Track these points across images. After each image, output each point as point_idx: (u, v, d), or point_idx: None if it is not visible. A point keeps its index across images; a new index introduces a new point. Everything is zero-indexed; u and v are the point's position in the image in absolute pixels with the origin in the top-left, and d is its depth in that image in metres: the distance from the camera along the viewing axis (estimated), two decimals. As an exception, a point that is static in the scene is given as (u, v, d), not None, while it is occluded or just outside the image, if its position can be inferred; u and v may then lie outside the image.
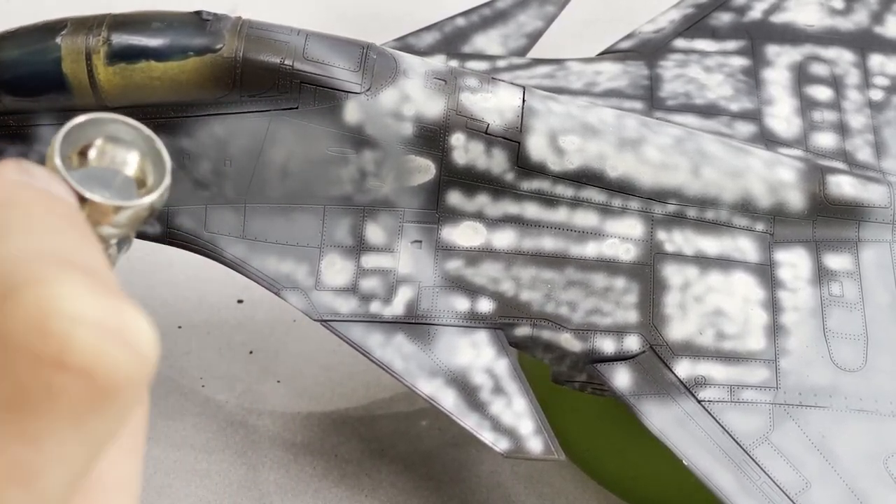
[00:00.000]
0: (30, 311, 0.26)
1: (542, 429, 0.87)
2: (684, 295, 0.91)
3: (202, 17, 0.85)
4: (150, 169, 0.35)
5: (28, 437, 0.26)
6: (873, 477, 0.85)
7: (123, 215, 0.34)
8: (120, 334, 0.27)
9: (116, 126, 0.35)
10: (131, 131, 0.35)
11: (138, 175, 0.35)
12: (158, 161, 0.35)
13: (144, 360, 0.28)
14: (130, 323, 0.28)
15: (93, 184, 0.33)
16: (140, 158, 0.35)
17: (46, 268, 0.27)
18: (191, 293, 1.26)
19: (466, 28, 1.12)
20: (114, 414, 0.28)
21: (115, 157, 0.35)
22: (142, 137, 0.35)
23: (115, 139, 0.35)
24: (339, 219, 0.91)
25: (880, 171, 1.00)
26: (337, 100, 0.87)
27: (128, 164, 0.35)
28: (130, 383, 0.27)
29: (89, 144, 0.34)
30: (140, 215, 0.34)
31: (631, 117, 0.95)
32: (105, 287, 0.28)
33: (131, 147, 0.35)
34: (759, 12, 1.13)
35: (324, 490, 1.10)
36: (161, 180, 0.35)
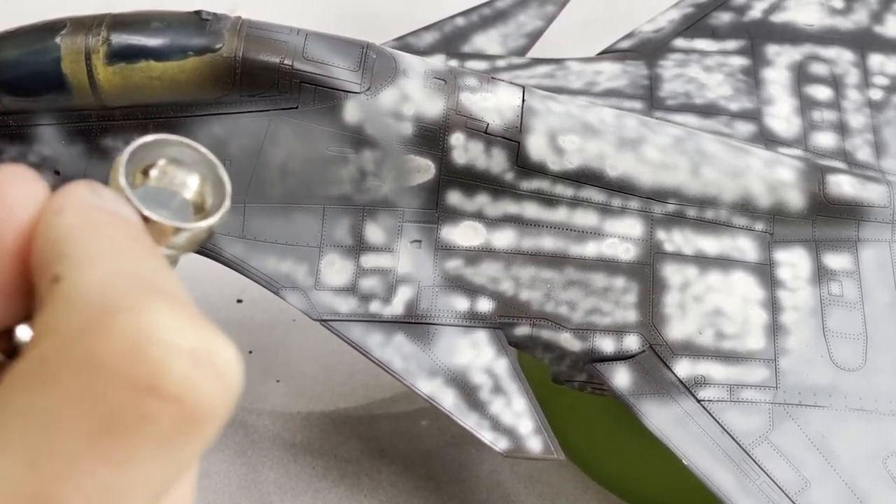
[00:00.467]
0: (126, 336, 0.27)
1: (542, 428, 0.87)
2: (684, 294, 0.91)
3: (202, 17, 0.85)
4: (208, 192, 0.35)
5: (117, 460, 0.27)
6: (873, 476, 0.85)
7: (182, 237, 0.34)
8: (210, 363, 0.28)
9: (180, 148, 0.35)
10: (194, 154, 0.35)
11: (196, 199, 0.35)
12: (218, 185, 0.36)
13: (230, 388, 0.29)
14: (220, 352, 0.28)
15: (151, 204, 0.34)
16: (200, 182, 0.35)
17: (140, 294, 0.28)
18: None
19: (466, 28, 1.12)
20: (198, 440, 0.28)
21: (176, 178, 0.35)
22: (204, 161, 0.35)
23: (178, 161, 0.35)
24: (338, 218, 0.91)
25: (880, 170, 1.00)
26: (336, 99, 0.87)
27: (187, 187, 0.35)
28: (217, 412, 0.28)
29: (152, 164, 0.35)
30: (198, 238, 0.35)
31: (630, 117, 0.95)
32: (194, 314, 0.28)
33: (192, 170, 0.35)
34: (758, 12, 1.13)
35: (323, 490, 1.10)
36: (220, 204, 0.35)
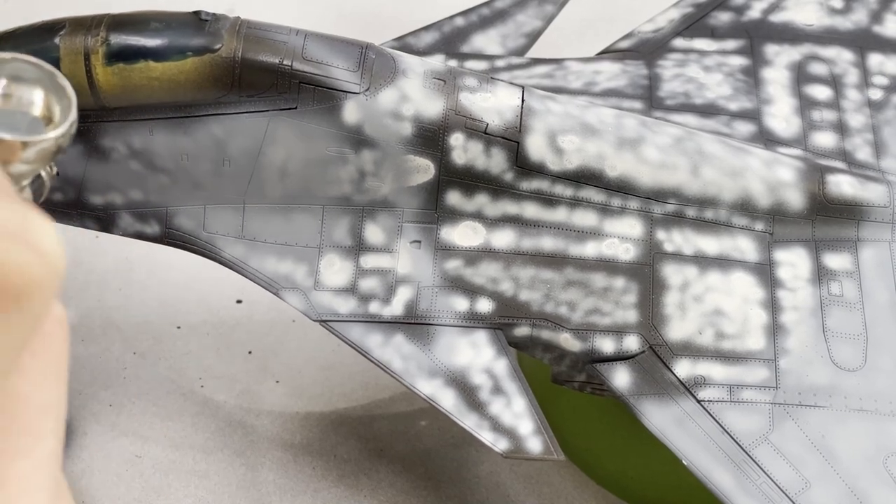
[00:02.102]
0: None
1: (542, 429, 0.87)
2: (684, 295, 0.91)
3: (201, 18, 0.85)
4: (55, 105, 0.36)
5: None
6: (873, 476, 0.85)
7: (31, 151, 0.34)
8: (23, 237, 0.27)
9: (18, 65, 0.35)
10: (34, 69, 0.35)
11: (44, 114, 0.35)
12: (63, 96, 0.36)
13: (50, 262, 0.28)
14: (34, 227, 0.28)
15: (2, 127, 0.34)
16: (45, 96, 0.35)
17: None
18: (189, 294, 1.26)
19: (465, 28, 1.12)
20: (24, 318, 0.28)
21: (21, 97, 0.35)
22: (45, 74, 0.36)
23: (19, 78, 0.35)
24: (338, 219, 0.91)
25: (879, 170, 1.00)
26: (336, 100, 0.87)
27: (34, 104, 0.35)
28: (37, 285, 0.27)
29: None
30: (48, 150, 0.35)
31: (630, 117, 0.95)
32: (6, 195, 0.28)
33: (36, 85, 0.35)
34: (758, 11, 1.13)
35: (322, 490, 1.10)
36: (67, 115, 0.35)
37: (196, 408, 1.17)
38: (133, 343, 1.22)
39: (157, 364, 1.21)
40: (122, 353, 1.21)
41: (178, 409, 1.17)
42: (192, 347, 1.22)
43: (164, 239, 0.92)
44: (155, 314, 1.25)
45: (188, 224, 0.91)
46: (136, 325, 1.23)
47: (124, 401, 1.17)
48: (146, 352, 1.21)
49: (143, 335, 1.23)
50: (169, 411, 1.16)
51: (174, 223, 0.91)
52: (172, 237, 0.92)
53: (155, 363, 1.20)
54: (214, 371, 1.21)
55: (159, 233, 0.92)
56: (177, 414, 1.16)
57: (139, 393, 1.18)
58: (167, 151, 0.88)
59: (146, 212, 0.91)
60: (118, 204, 0.90)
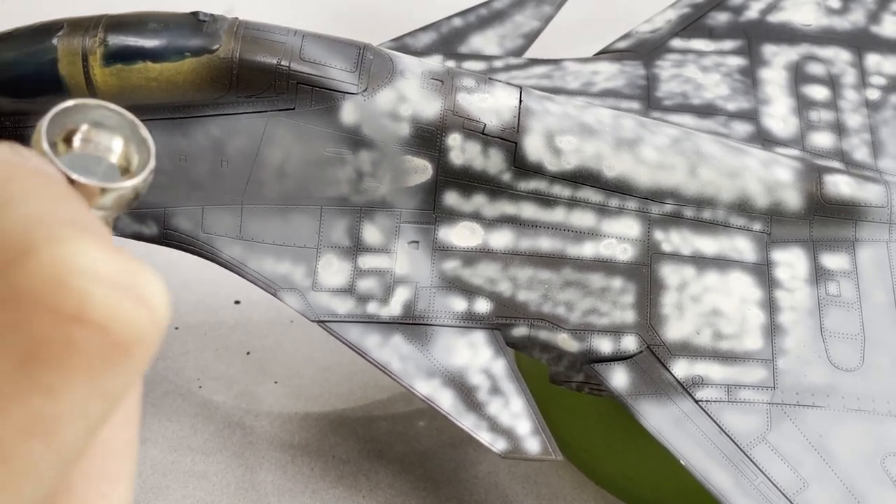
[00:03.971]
0: (48, 267, 0.27)
1: (540, 429, 0.87)
2: (681, 295, 0.91)
3: (199, 18, 0.85)
4: (133, 154, 0.36)
5: (47, 390, 0.27)
6: (871, 477, 0.85)
7: (109, 197, 0.35)
8: (134, 291, 0.28)
9: (101, 112, 0.35)
10: (115, 117, 0.36)
11: (121, 162, 0.36)
12: (142, 146, 0.36)
13: (157, 317, 0.29)
14: (143, 281, 0.29)
15: (78, 169, 0.34)
16: (124, 144, 0.36)
17: (60, 228, 0.28)
18: (188, 294, 1.26)
19: (463, 28, 1.12)
20: (127, 370, 0.29)
21: (100, 143, 0.35)
22: (126, 123, 0.36)
23: (100, 125, 0.35)
24: (336, 219, 0.91)
25: (877, 170, 1.00)
26: (333, 100, 0.87)
27: (112, 151, 0.36)
28: (144, 339, 0.29)
29: (74, 130, 0.35)
30: (125, 198, 0.35)
31: (628, 117, 0.95)
32: (116, 248, 0.29)
33: (115, 133, 0.36)
34: (755, 12, 1.13)
35: (321, 491, 1.10)
36: (145, 165, 0.36)
37: (194, 409, 1.17)
38: (131, 344, 1.22)
39: (156, 365, 1.20)
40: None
41: (177, 409, 1.17)
42: (190, 348, 1.22)
43: (162, 240, 0.92)
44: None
45: (186, 225, 0.91)
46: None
47: (123, 402, 1.17)
48: (144, 352, 1.21)
49: (141, 336, 1.23)
50: (167, 412, 1.16)
51: (172, 224, 0.91)
52: (170, 238, 0.92)
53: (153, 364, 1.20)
54: (213, 372, 1.21)
55: (157, 233, 0.92)
56: (175, 415, 1.16)
57: (137, 394, 1.18)
58: (165, 152, 0.88)
59: (144, 212, 0.91)
60: (116, 205, 0.90)
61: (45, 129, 0.34)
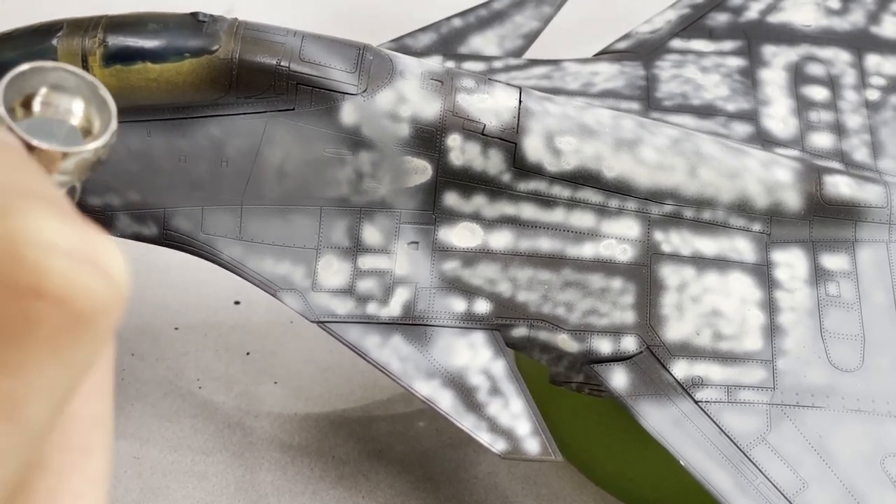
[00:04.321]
0: (2, 241, 0.26)
1: (540, 430, 0.87)
2: (681, 295, 0.91)
3: (198, 19, 0.85)
4: (95, 116, 0.35)
5: (8, 368, 0.26)
6: (870, 477, 0.85)
7: (70, 162, 0.34)
8: (93, 261, 0.27)
9: (59, 74, 0.34)
10: (75, 79, 0.35)
11: (83, 124, 0.35)
12: (103, 107, 0.35)
13: (118, 287, 0.28)
14: (102, 251, 0.28)
15: (39, 134, 0.33)
16: (85, 106, 0.35)
17: (13, 199, 0.27)
18: (187, 295, 1.26)
19: (463, 29, 1.12)
20: (90, 342, 0.28)
21: (60, 105, 0.34)
22: (86, 84, 0.35)
23: (59, 87, 0.34)
24: (335, 220, 0.91)
25: (877, 171, 1.00)
26: (333, 101, 0.87)
27: (73, 114, 0.35)
28: (105, 310, 0.27)
29: (33, 94, 0.34)
30: (87, 161, 0.34)
31: (628, 118, 0.95)
32: (72, 217, 0.28)
33: (75, 95, 0.35)
34: (755, 12, 1.13)
35: (321, 491, 1.10)
36: (107, 126, 0.35)
37: (194, 409, 1.17)
38: (131, 344, 1.22)
39: (156, 365, 1.20)
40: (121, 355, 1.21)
41: (177, 410, 1.17)
42: (190, 349, 1.22)
43: (162, 240, 0.92)
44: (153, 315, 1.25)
45: (186, 225, 0.91)
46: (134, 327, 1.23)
47: (122, 402, 1.17)
48: (144, 353, 1.21)
49: (141, 336, 1.23)
50: (167, 412, 1.16)
51: (172, 224, 0.91)
52: (170, 238, 0.92)
53: (153, 364, 1.20)
54: (213, 372, 1.20)
55: (157, 234, 0.92)
56: (175, 415, 1.16)
57: (137, 394, 1.18)
58: (165, 153, 0.88)
59: (144, 213, 0.91)
60: (116, 205, 0.90)
61: (2, 94, 0.33)
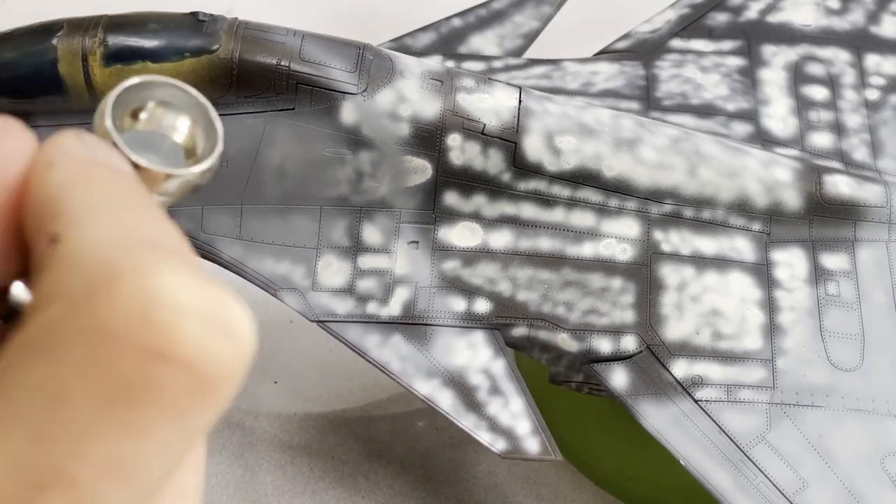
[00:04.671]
0: (133, 300, 0.25)
1: (540, 429, 0.87)
2: (681, 295, 0.91)
3: (198, 19, 0.85)
4: (200, 136, 0.34)
5: (129, 431, 0.25)
6: (870, 476, 0.85)
7: (173, 183, 0.33)
8: (221, 324, 0.26)
9: (169, 90, 0.33)
10: (184, 96, 0.33)
11: (187, 143, 0.33)
12: (210, 129, 0.34)
13: (244, 350, 0.27)
14: (230, 312, 0.27)
15: (140, 147, 0.32)
16: (191, 125, 0.34)
17: (145, 254, 0.26)
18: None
19: (463, 28, 1.12)
20: (211, 407, 0.27)
21: (165, 121, 0.33)
22: (195, 104, 0.34)
23: (167, 104, 0.33)
24: (335, 220, 0.91)
25: (877, 170, 1.00)
26: (333, 101, 0.87)
27: (177, 130, 0.33)
28: (230, 375, 0.27)
29: (140, 107, 0.33)
30: (190, 184, 0.33)
31: (627, 117, 0.95)
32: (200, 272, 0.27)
33: (182, 113, 0.33)
34: (755, 12, 1.13)
35: (321, 491, 1.10)
36: (212, 149, 0.33)
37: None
38: (131, 344, 1.22)
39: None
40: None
41: (176, 410, 1.17)
42: (190, 348, 1.22)
43: (162, 240, 0.92)
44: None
45: (186, 225, 0.91)
46: (134, 327, 1.23)
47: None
48: (144, 353, 1.21)
49: (141, 336, 1.23)
50: (167, 412, 1.16)
51: (172, 224, 0.91)
52: (170, 238, 0.91)
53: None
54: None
55: (157, 234, 0.91)
56: (175, 415, 1.16)
57: (137, 394, 1.18)
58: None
59: (144, 213, 0.90)
60: (116, 205, 0.90)
61: (111, 107, 0.32)
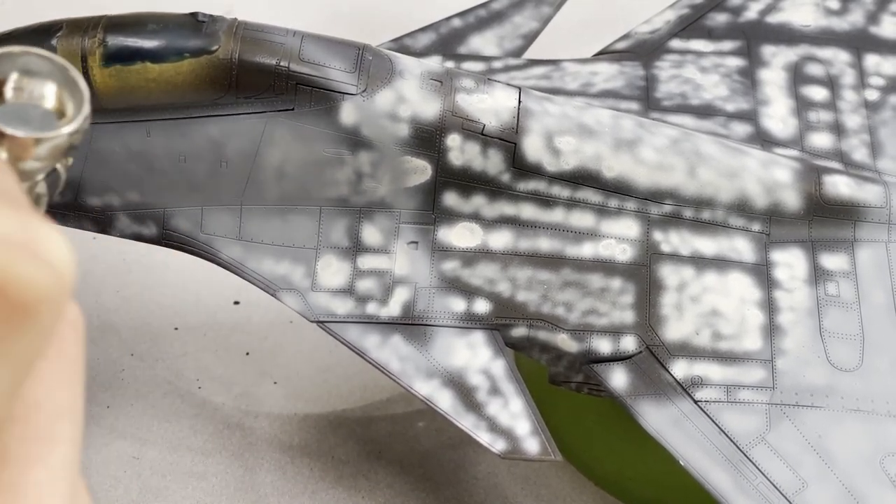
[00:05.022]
0: None
1: (539, 430, 0.87)
2: (681, 295, 0.91)
3: (198, 19, 0.85)
4: (68, 99, 0.35)
5: None
6: (870, 477, 0.85)
7: (44, 147, 0.33)
8: (30, 248, 0.26)
9: (30, 59, 0.34)
10: (46, 63, 0.34)
11: (57, 107, 0.34)
12: (76, 90, 0.35)
13: (58, 273, 0.27)
14: (41, 237, 0.27)
15: (12, 120, 0.33)
16: (57, 90, 0.34)
17: None
18: (187, 295, 1.26)
19: (462, 29, 1.12)
20: (34, 331, 0.27)
21: (32, 91, 0.34)
22: (57, 68, 0.35)
23: (30, 72, 0.34)
24: (335, 220, 0.91)
25: (876, 171, 1.00)
26: (333, 101, 0.87)
27: (45, 98, 0.34)
28: (46, 298, 0.27)
29: (4, 80, 0.34)
30: (61, 146, 0.34)
31: (627, 118, 0.95)
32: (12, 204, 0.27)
33: (47, 79, 0.34)
34: (754, 12, 1.13)
35: (321, 492, 1.10)
36: (80, 109, 0.34)
37: (194, 409, 1.17)
38: (131, 345, 1.22)
39: (155, 366, 1.20)
40: (120, 355, 1.21)
41: (176, 410, 1.17)
42: (189, 349, 1.22)
43: (162, 240, 0.92)
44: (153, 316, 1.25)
45: (186, 225, 0.91)
46: (133, 327, 1.23)
47: (122, 402, 1.17)
48: (144, 353, 1.21)
49: (140, 337, 1.23)
50: (167, 413, 1.16)
51: (171, 224, 0.91)
52: (170, 238, 0.92)
53: (153, 365, 1.20)
54: (212, 372, 1.20)
55: (157, 234, 0.92)
56: (175, 416, 1.16)
57: (137, 395, 1.18)
58: (164, 153, 0.88)
59: (143, 213, 0.91)
60: (115, 205, 0.90)
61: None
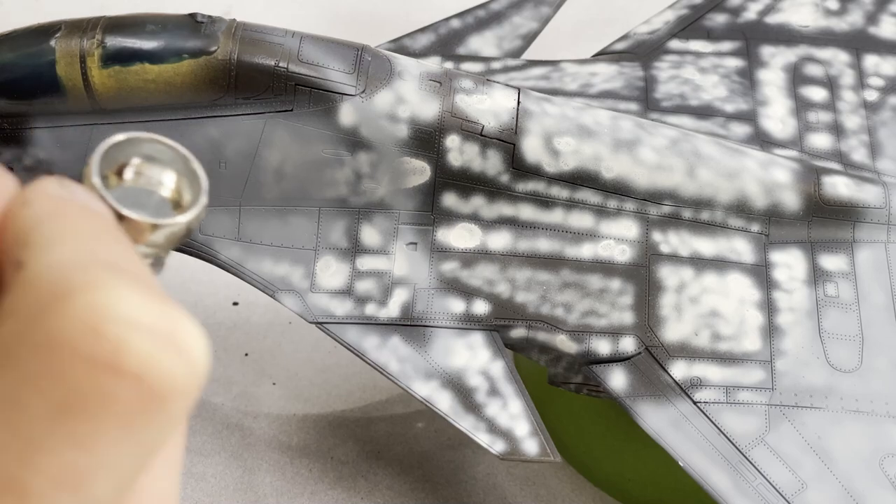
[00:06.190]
0: (84, 314, 0.26)
1: (538, 431, 0.87)
2: (680, 296, 0.91)
3: (196, 20, 0.85)
4: (185, 188, 0.35)
5: (80, 442, 0.26)
6: (869, 478, 0.85)
7: (160, 234, 0.34)
8: (172, 340, 0.27)
9: (153, 145, 0.35)
10: (168, 151, 0.35)
11: (174, 196, 0.35)
12: (194, 180, 0.35)
13: (195, 367, 0.28)
14: (182, 329, 0.28)
15: (129, 203, 0.33)
16: (176, 178, 0.35)
17: (98, 272, 0.27)
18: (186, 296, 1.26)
19: (461, 30, 1.12)
20: (164, 421, 0.28)
21: (152, 176, 0.35)
22: (178, 157, 0.35)
23: (152, 158, 0.35)
24: (334, 221, 0.91)
25: (875, 171, 1.00)
26: (332, 102, 0.87)
27: (164, 185, 0.35)
28: (181, 390, 0.28)
29: (126, 163, 0.34)
30: (176, 234, 0.34)
31: (626, 118, 0.95)
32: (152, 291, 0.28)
33: (167, 167, 0.35)
34: (753, 13, 1.13)
35: (320, 492, 1.10)
36: (197, 199, 0.35)
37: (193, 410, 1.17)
38: (130, 345, 1.22)
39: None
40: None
41: (175, 411, 1.17)
42: (188, 350, 1.22)
43: (161, 241, 0.92)
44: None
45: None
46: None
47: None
48: (143, 354, 1.21)
49: (139, 337, 1.23)
50: (166, 414, 1.16)
51: (170, 225, 0.91)
52: (169, 239, 0.91)
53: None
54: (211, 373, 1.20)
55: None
56: (173, 416, 1.16)
57: (136, 395, 1.18)
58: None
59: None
60: (114, 206, 0.90)
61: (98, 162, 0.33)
